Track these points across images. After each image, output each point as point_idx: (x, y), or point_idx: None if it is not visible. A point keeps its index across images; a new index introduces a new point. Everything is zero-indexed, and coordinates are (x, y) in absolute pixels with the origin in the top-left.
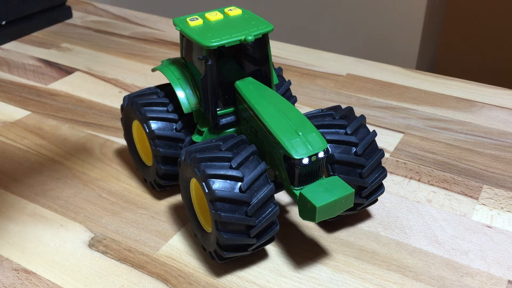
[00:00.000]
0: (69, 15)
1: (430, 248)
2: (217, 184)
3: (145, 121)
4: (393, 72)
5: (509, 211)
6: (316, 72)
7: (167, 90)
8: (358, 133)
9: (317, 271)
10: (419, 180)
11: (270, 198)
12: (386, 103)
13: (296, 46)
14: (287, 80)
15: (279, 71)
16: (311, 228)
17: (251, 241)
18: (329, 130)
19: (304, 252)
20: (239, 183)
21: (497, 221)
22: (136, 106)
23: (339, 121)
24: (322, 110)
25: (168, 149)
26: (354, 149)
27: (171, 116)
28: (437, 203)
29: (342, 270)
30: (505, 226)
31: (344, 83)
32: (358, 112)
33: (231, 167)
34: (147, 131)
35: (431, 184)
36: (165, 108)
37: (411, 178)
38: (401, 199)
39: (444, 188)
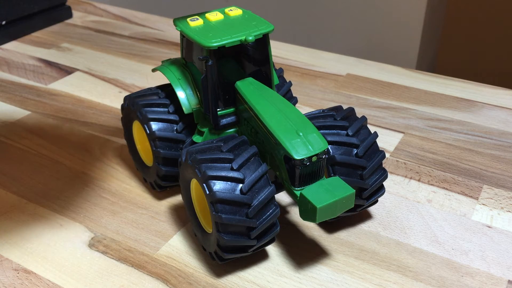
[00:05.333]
0: (69, 15)
1: (430, 248)
2: (218, 186)
3: (146, 122)
4: (393, 72)
5: (509, 211)
6: (316, 72)
7: (167, 91)
8: (359, 134)
9: (317, 271)
10: (419, 180)
11: (271, 200)
12: (386, 103)
13: (296, 46)
14: (288, 81)
15: (280, 72)
16: (311, 228)
17: (252, 242)
18: (330, 131)
19: (304, 252)
20: (240, 185)
21: (497, 221)
22: (137, 106)
23: (340, 122)
24: (323, 110)
25: (168, 150)
26: (355, 151)
27: (172, 117)
28: (437, 203)
29: (342, 270)
30: (505, 226)
31: (344, 83)
32: (358, 112)
33: (232, 169)
34: (148, 132)
35: (431, 184)
36: (166, 109)
37: (411, 178)
38: (401, 199)
39: (444, 188)
